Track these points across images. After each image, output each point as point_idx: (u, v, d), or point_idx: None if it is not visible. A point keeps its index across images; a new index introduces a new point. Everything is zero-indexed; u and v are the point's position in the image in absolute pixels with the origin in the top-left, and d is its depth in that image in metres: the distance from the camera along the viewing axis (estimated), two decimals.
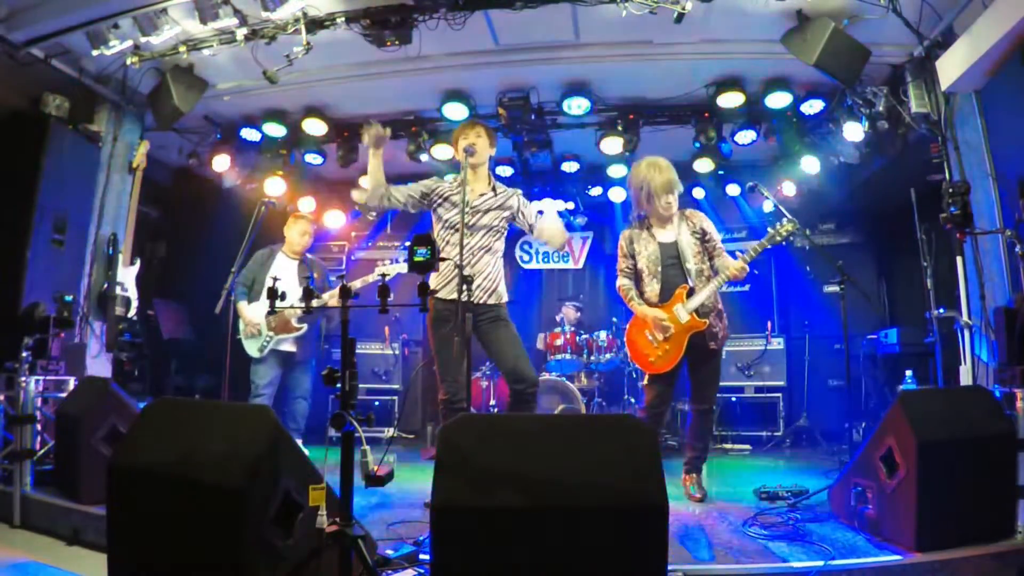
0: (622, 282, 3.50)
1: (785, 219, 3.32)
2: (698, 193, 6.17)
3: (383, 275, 2.13)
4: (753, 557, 2.36)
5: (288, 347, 4.23)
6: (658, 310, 3.35)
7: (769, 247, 3.31)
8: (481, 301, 3.10)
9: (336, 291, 3.98)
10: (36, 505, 3.05)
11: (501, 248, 3.25)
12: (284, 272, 4.23)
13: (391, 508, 3.19)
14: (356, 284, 3.99)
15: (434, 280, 3.14)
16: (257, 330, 4.12)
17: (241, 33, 3.89)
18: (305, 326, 4.25)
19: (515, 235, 6.03)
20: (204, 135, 5.48)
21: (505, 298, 3.22)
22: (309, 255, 4.57)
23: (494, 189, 3.24)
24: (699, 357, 3.37)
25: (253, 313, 4.14)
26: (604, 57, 4.40)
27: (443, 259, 2.93)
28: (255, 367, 4.17)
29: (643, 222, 3.49)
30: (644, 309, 3.39)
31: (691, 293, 3.32)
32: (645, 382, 3.56)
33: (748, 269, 3.27)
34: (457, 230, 3.04)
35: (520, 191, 3.35)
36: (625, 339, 3.64)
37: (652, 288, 3.39)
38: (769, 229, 3.33)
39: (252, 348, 4.16)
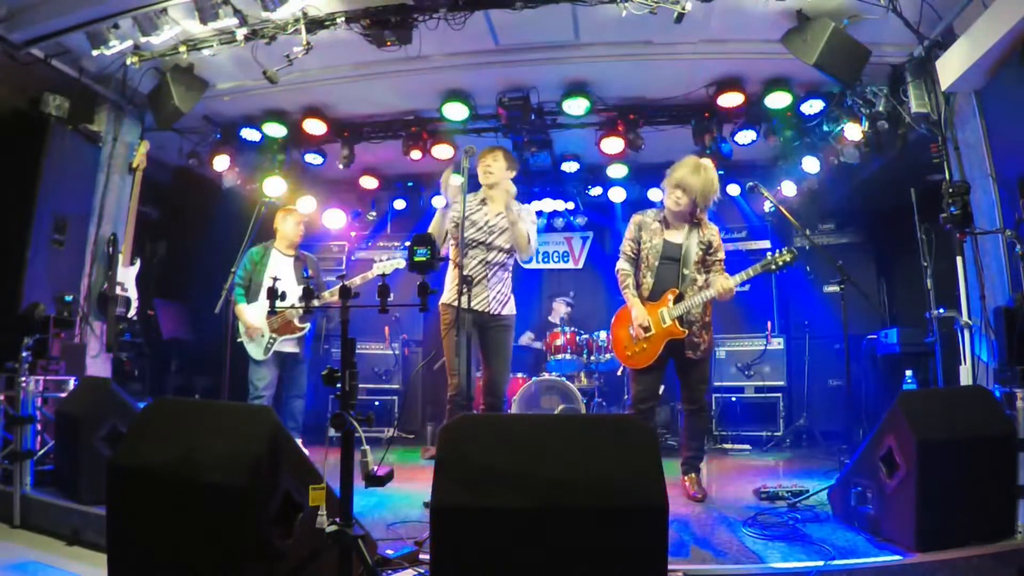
0: (621, 265, 3.53)
1: (785, 248, 3.37)
2: None
3: (382, 274, 2.14)
4: (753, 557, 2.36)
5: (291, 348, 4.20)
6: (645, 310, 3.38)
7: (762, 272, 3.33)
8: (497, 312, 3.40)
9: (336, 289, 3.99)
10: (36, 505, 3.05)
11: (512, 262, 3.53)
12: (281, 271, 4.21)
13: (391, 508, 3.18)
14: (356, 281, 3.97)
15: (446, 292, 3.42)
16: (260, 334, 4.09)
17: (241, 33, 3.89)
18: (308, 326, 4.23)
19: None
20: (204, 135, 5.48)
21: (515, 310, 3.53)
22: (303, 252, 4.52)
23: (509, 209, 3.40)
24: (681, 363, 3.43)
25: (253, 317, 4.09)
26: (604, 57, 4.40)
27: (443, 259, 2.94)
28: (255, 369, 4.14)
29: (659, 212, 3.52)
30: (634, 303, 3.42)
31: (680, 299, 3.34)
32: (621, 373, 3.61)
33: (734, 291, 3.31)
34: (473, 247, 3.35)
35: (532, 208, 3.61)
36: (610, 325, 3.68)
37: (647, 281, 3.43)
38: (769, 255, 3.36)
39: (256, 351, 4.12)
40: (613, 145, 5.21)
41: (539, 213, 6.94)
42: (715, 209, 3.65)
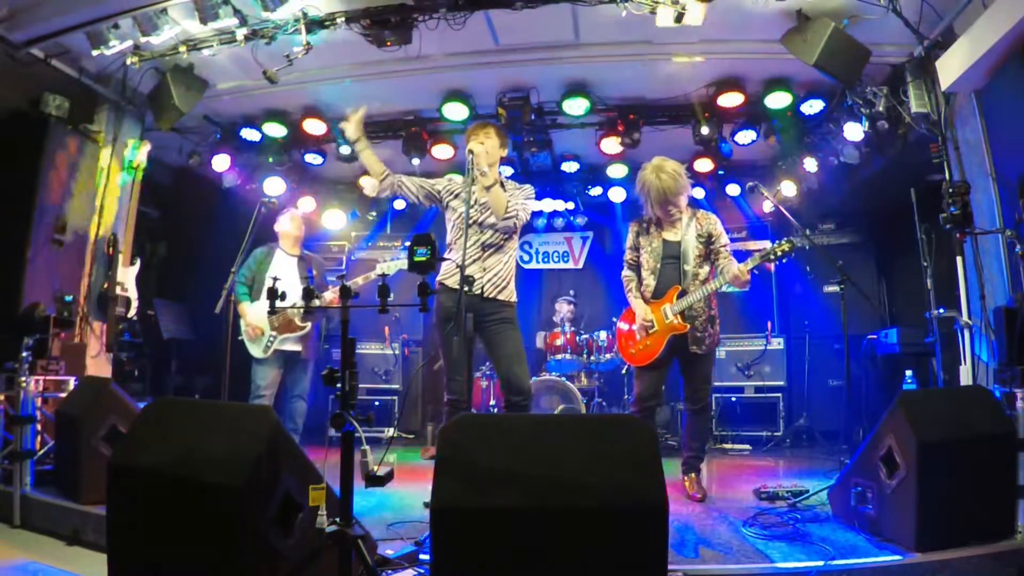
0: (625, 272, 3.60)
1: (784, 239, 3.36)
2: (698, 193, 6.17)
3: (383, 274, 2.14)
4: (753, 557, 2.36)
5: (292, 346, 4.17)
6: (647, 307, 3.42)
7: (761, 263, 3.31)
8: (492, 296, 3.12)
9: (337, 289, 3.98)
10: (36, 505, 3.05)
11: (512, 247, 3.25)
12: (284, 270, 4.20)
13: (391, 508, 3.19)
14: (358, 281, 3.97)
15: (443, 271, 3.19)
16: (260, 332, 4.09)
17: (241, 33, 3.89)
18: (308, 325, 4.21)
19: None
20: (204, 135, 5.48)
21: (515, 298, 3.24)
22: (307, 252, 4.51)
23: (502, 187, 3.21)
24: (686, 359, 3.42)
25: (255, 316, 4.08)
26: (604, 57, 4.40)
27: (444, 259, 2.92)
28: (257, 368, 4.13)
29: (652, 216, 3.52)
30: (636, 304, 3.49)
31: (683, 295, 3.35)
32: (626, 372, 3.59)
33: (748, 277, 3.24)
34: (468, 226, 3.04)
35: (529, 187, 3.31)
36: (616, 324, 3.71)
37: (648, 284, 3.46)
38: (767, 244, 3.38)
39: (256, 350, 4.11)
40: (613, 145, 5.21)
41: (539, 213, 6.95)
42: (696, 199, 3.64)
